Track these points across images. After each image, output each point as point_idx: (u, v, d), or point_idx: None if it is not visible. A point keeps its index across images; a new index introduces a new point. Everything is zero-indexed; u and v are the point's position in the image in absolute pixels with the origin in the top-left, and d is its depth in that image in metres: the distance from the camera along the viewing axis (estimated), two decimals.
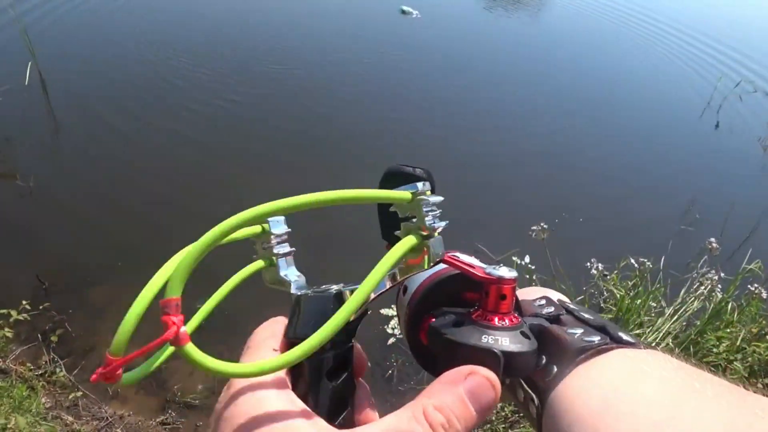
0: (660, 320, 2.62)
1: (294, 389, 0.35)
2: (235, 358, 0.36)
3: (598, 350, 0.35)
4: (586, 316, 0.39)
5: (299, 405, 0.33)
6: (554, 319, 0.40)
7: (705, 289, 2.68)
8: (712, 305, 2.64)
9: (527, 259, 2.76)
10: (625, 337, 0.36)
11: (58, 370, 2.55)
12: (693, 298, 2.70)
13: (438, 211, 0.38)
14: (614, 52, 7.91)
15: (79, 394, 2.48)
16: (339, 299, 0.37)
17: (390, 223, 0.42)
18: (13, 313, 2.57)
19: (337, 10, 7.38)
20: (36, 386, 2.46)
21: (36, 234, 3.31)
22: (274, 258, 0.41)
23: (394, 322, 2.85)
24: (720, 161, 5.32)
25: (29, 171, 3.64)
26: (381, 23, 7.35)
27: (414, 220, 0.38)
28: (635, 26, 8.82)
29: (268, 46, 5.95)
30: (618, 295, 2.86)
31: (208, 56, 5.51)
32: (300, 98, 5.06)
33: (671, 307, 2.67)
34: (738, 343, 2.44)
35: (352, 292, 0.36)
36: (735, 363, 2.40)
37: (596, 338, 0.36)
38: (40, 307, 2.74)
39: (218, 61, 5.47)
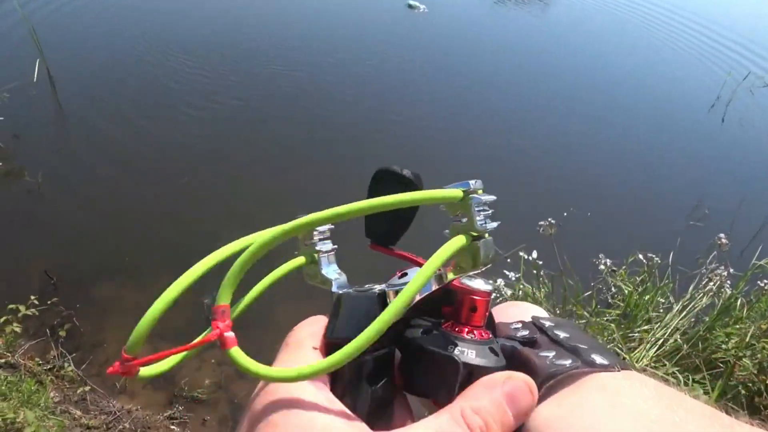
0: (668, 316, 2.60)
1: (332, 391, 0.34)
2: (265, 352, 0.36)
3: (569, 375, 0.34)
4: (562, 335, 0.38)
5: (338, 406, 0.32)
6: (528, 341, 0.39)
7: (714, 285, 2.66)
8: (721, 301, 2.63)
9: (534, 254, 2.75)
10: (599, 360, 0.34)
11: (66, 364, 2.56)
12: (702, 294, 2.68)
13: (490, 211, 0.36)
14: (623, 46, 7.85)
15: (88, 388, 2.49)
16: (382, 300, 0.36)
17: (374, 220, 0.41)
18: (22, 308, 2.58)
19: (340, 8, 7.36)
20: (44, 381, 2.48)
21: (44, 230, 3.33)
22: (315, 255, 0.40)
23: None
24: (730, 156, 5.28)
25: (37, 168, 3.66)
26: (386, 19, 7.32)
27: (464, 219, 0.36)
28: (645, 19, 8.75)
29: (270, 45, 5.95)
30: (626, 291, 2.84)
31: (210, 56, 5.52)
32: (301, 100, 5.05)
33: (680, 303, 2.66)
34: (747, 340, 2.42)
35: (396, 293, 0.35)
36: (744, 359, 2.38)
37: (567, 362, 0.34)
38: (49, 303, 2.76)
39: (220, 60, 5.48)
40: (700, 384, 2.34)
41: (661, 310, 2.72)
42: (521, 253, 2.76)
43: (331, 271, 0.41)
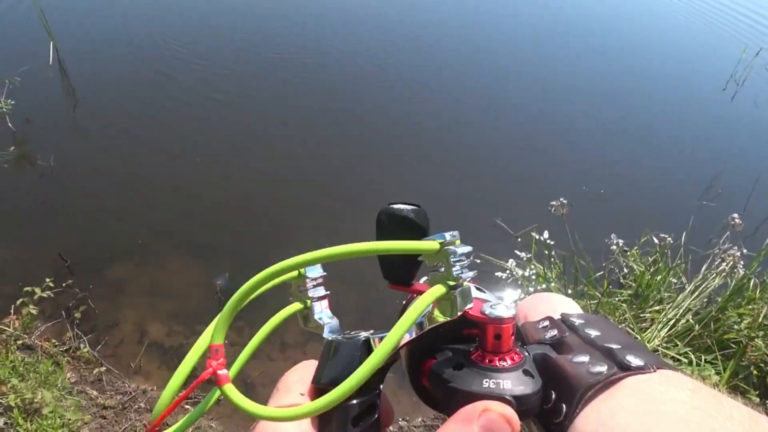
0: (680, 296, 2.59)
1: None
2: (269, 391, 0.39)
3: (606, 383, 0.33)
4: (593, 334, 0.37)
5: None
6: (558, 344, 0.38)
7: (727, 265, 2.64)
8: (733, 282, 2.61)
9: (546, 234, 2.74)
10: (634, 361, 0.34)
11: (82, 345, 2.60)
12: (714, 275, 2.67)
13: (466, 261, 0.37)
14: (637, 21, 7.72)
15: (103, 369, 2.53)
16: (367, 346, 0.38)
17: (389, 262, 0.42)
18: (37, 290, 2.61)
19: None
20: (61, 362, 2.52)
21: (57, 213, 3.36)
22: (308, 301, 0.42)
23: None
24: (744, 135, 5.20)
25: (49, 151, 3.68)
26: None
27: (442, 269, 0.37)
28: None
29: (287, 32, 5.91)
30: (638, 271, 2.84)
31: (223, 37, 5.50)
32: (314, 80, 5.03)
33: (692, 284, 2.65)
34: (760, 320, 2.41)
35: (381, 339, 0.36)
36: (756, 340, 2.38)
37: (603, 368, 0.34)
38: (63, 285, 2.79)
39: (233, 41, 5.46)
40: (711, 364, 2.34)
41: (673, 291, 2.71)
42: (533, 233, 2.76)
43: (324, 316, 0.42)
